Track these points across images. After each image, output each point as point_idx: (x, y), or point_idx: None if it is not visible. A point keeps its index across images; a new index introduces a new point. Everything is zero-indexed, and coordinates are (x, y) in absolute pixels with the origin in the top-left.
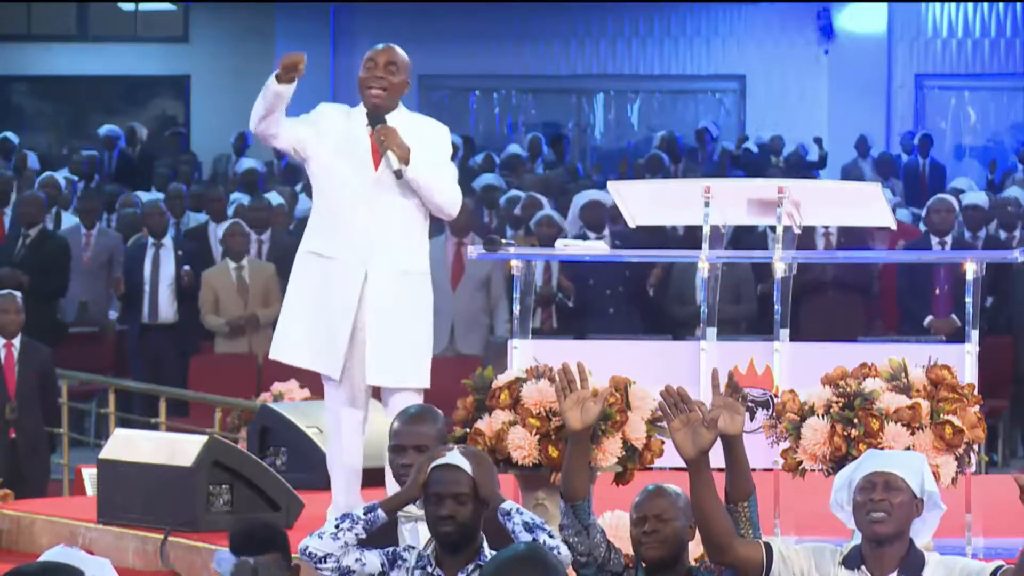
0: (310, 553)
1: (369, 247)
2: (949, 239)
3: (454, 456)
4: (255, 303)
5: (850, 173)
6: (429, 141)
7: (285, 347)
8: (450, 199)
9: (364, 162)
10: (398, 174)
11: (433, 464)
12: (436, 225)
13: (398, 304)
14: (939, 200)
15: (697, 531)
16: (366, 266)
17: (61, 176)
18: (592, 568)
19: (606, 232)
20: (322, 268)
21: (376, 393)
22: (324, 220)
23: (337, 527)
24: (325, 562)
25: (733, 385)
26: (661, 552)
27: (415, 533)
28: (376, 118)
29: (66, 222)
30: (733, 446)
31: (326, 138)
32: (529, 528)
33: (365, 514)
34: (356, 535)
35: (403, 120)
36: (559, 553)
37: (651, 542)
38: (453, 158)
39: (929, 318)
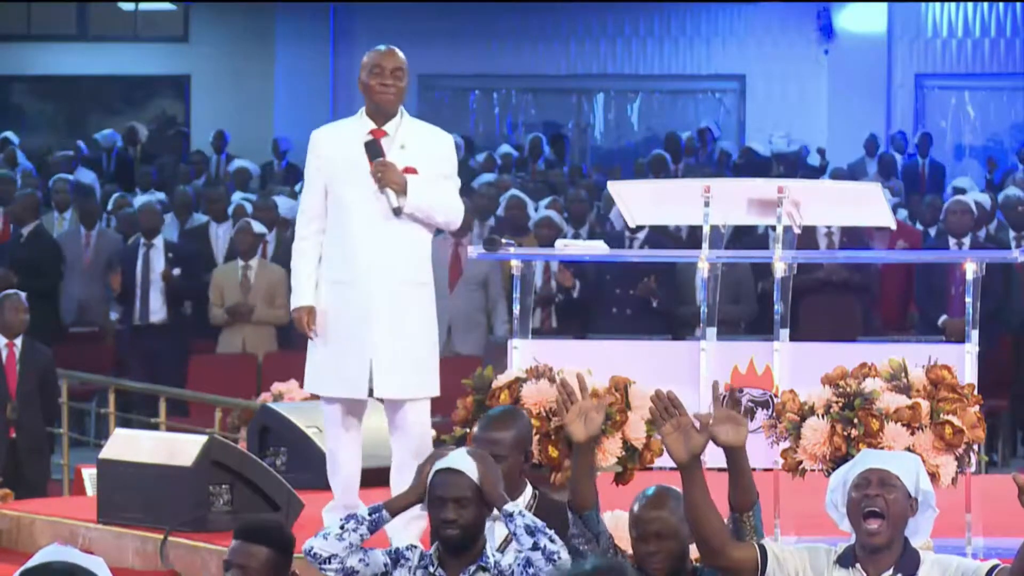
0: (315, 554)
1: (373, 262)
2: (967, 240)
3: (457, 459)
4: (256, 300)
5: (855, 171)
6: (434, 155)
7: (312, 379)
8: (450, 218)
9: (365, 181)
10: (397, 211)
11: (436, 467)
12: None
13: (402, 315)
14: (956, 202)
15: None
16: (371, 281)
17: (60, 176)
18: None
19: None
20: (337, 294)
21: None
22: (335, 246)
23: (342, 528)
24: (329, 563)
25: (734, 398)
26: (666, 570)
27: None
28: (373, 149)
29: (66, 223)
30: (737, 457)
31: (327, 170)
32: (531, 532)
33: (370, 515)
34: (361, 536)
35: (408, 130)
36: (559, 558)
37: (655, 562)
38: None
39: (943, 317)
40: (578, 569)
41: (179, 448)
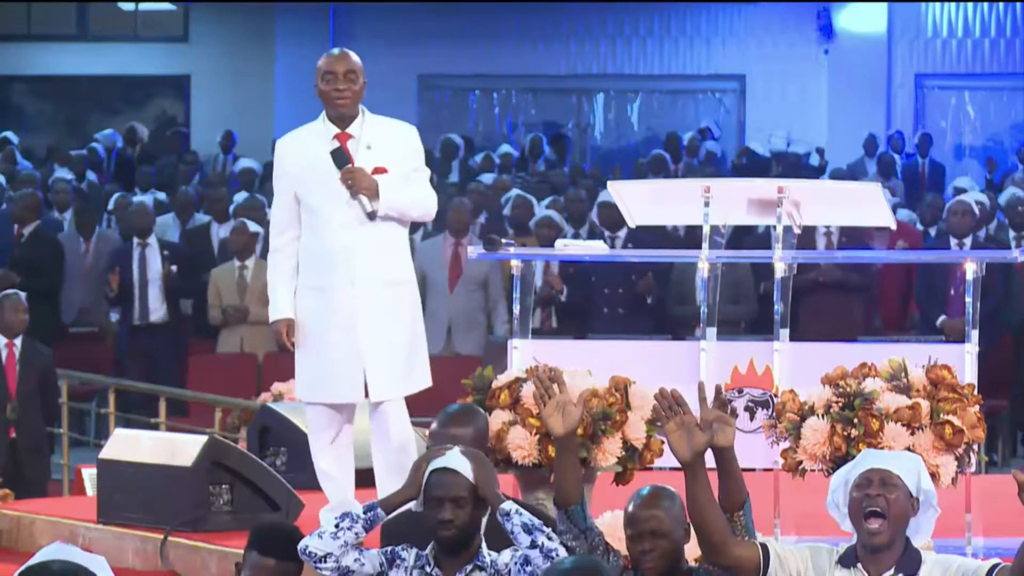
0: (310, 553)
1: (352, 266)
2: (968, 240)
3: (453, 459)
4: (251, 301)
5: (855, 171)
6: (401, 150)
7: (303, 388)
8: (424, 212)
9: (334, 187)
10: (371, 215)
11: (432, 467)
12: (435, 225)
13: (387, 315)
14: (957, 202)
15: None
16: (352, 286)
17: (60, 176)
18: None
19: (621, 233)
20: (316, 300)
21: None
22: (311, 253)
23: (337, 527)
24: (325, 562)
25: (721, 399)
26: (660, 569)
27: None
28: (340, 157)
29: (65, 226)
30: (725, 457)
31: (295, 179)
32: (528, 530)
33: (365, 513)
34: (356, 534)
35: (372, 128)
36: (557, 555)
37: (648, 560)
38: (453, 158)
39: (942, 318)
40: (557, 568)
41: (179, 448)
